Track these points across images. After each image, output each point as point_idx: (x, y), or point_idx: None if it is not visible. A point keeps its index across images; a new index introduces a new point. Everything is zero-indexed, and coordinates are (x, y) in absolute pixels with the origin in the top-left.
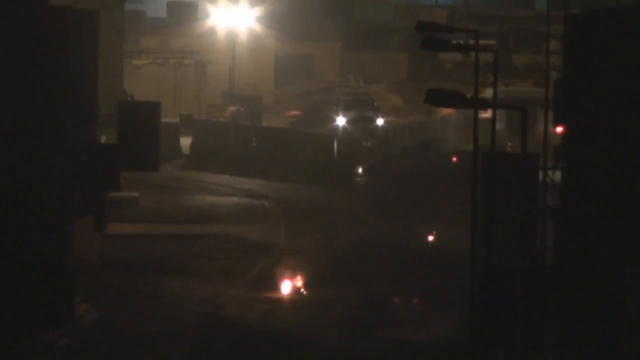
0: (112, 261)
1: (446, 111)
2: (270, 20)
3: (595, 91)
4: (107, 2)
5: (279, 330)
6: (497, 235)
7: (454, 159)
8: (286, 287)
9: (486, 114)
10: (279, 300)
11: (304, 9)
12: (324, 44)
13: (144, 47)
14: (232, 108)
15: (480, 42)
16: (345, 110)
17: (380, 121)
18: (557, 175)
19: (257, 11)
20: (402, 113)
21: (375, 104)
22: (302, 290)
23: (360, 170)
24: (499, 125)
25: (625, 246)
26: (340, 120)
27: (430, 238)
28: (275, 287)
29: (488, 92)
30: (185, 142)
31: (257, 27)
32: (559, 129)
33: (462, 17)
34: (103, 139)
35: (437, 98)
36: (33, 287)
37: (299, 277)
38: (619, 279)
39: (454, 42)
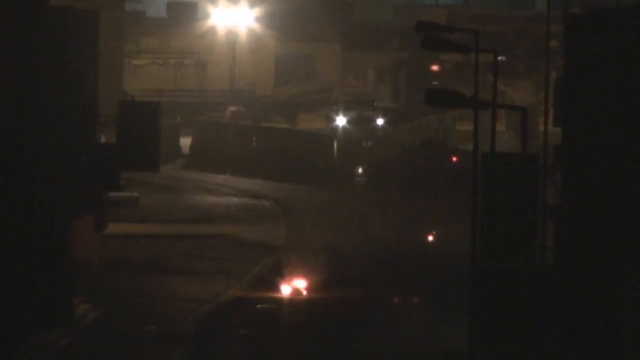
0: (112, 261)
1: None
2: (270, 20)
3: (595, 91)
4: (107, 2)
5: (279, 330)
6: (497, 235)
7: (454, 159)
8: (286, 288)
9: None
10: (279, 301)
11: (304, 9)
12: (324, 44)
13: (144, 47)
14: (232, 108)
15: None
16: (345, 110)
17: (380, 121)
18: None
19: (257, 11)
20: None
21: (375, 104)
22: (302, 290)
23: (360, 170)
24: None
25: (625, 246)
26: (340, 120)
27: (430, 238)
28: (275, 287)
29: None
30: (185, 142)
31: (257, 27)
32: None
33: (462, 17)
34: (103, 139)
35: (437, 98)
36: (33, 287)
37: (299, 278)
38: (619, 278)
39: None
